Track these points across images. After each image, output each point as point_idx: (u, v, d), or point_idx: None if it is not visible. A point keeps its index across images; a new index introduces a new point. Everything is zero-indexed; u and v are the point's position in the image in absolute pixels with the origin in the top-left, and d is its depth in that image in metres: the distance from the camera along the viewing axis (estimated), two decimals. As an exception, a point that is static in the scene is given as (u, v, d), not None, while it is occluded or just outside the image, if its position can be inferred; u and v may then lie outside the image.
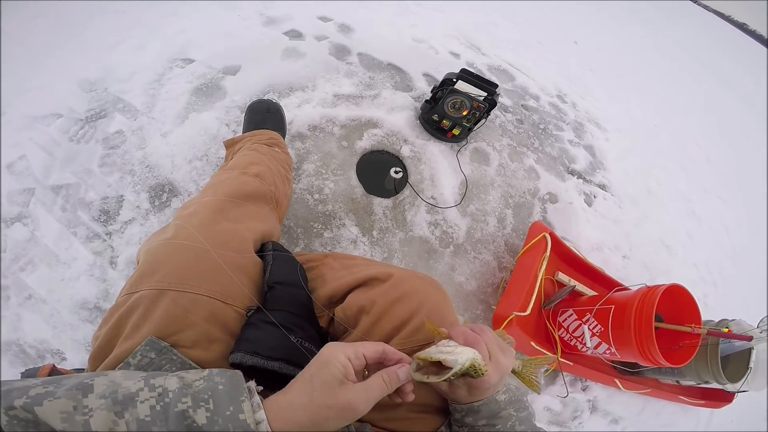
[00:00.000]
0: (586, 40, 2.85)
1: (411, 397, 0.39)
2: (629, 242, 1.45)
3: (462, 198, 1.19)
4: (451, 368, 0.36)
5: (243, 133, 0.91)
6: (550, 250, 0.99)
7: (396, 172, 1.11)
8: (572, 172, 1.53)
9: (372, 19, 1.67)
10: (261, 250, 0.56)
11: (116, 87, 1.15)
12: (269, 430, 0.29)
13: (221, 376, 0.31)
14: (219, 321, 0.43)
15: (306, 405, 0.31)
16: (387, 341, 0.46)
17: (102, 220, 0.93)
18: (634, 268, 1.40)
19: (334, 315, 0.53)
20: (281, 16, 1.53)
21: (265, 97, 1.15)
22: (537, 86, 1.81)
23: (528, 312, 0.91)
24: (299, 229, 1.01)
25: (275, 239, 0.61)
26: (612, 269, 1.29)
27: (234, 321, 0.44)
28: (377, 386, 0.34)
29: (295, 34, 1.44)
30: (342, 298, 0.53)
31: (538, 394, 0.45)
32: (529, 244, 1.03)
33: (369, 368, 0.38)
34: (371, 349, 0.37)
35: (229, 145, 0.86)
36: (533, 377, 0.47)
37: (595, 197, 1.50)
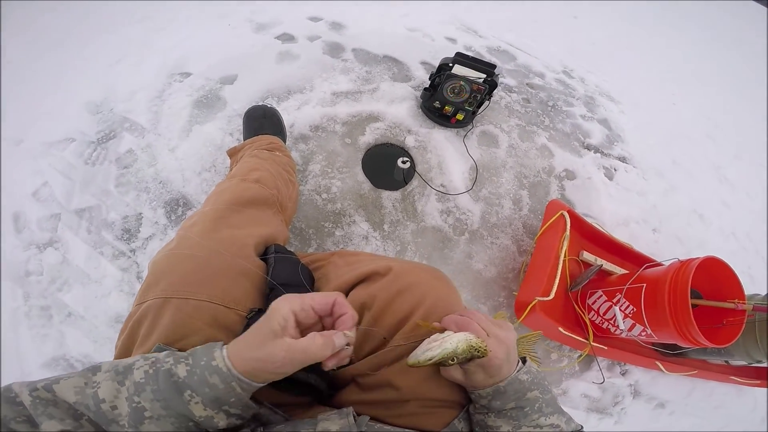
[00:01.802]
0: (586, 15, 2.82)
1: (345, 362, 0.40)
2: (658, 215, 1.44)
3: (473, 183, 1.23)
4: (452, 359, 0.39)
5: (243, 140, 0.97)
6: (571, 229, 0.99)
7: (403, 162, 1.15)
8: (588, 147, 1.53)
9: (363, 14, 1.73)
10: (264, 254, 0.59)
11: (121, 107, 1.25)
12: (236, 372, 0.35)
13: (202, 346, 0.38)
14: (222, 325, 0.47)
15: (246, 353, 0.36)
16: (390, 336, 0.49)
17: (125, 238, 1.03)
18: (667, 242, 1.39)
19: None
20: (271, 21, 1.60)
21: (262, 103, 1.21)
22: (540, 64, 1.82)
23: (552, 296, 0.90)
24: (310, 229, 1.06)
25: (281, 242, 0.66)
26: (642, 244, 1.29)
27: (237, 324, 0.48)
28: (304, 346, 0.35)
29: (287, 38, 1.52)
30: (345, 295, 0.54)
31: (538, 367, 0.47)
32: (547, 224, 1.03)
33: (326, 323, 0.41)
34: (320, 300, 0.39)
35: (232, 154, 0.92)
36: (531, 353, 0.49)
37: (615, 170, 1.50)
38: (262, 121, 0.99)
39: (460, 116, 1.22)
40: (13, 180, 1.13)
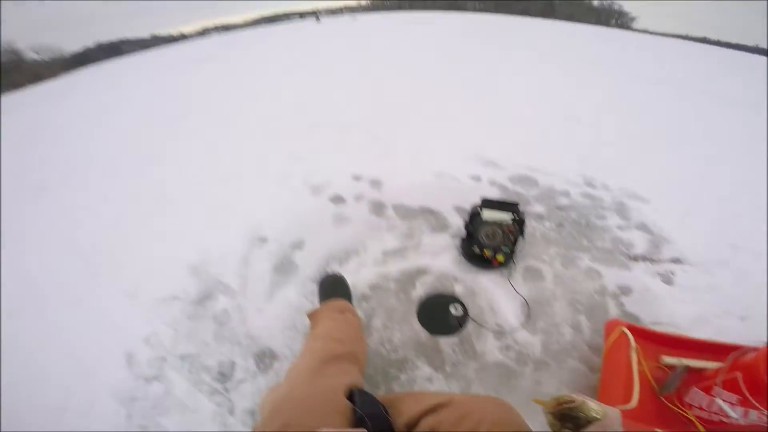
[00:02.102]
0: (586, 116, 3.05)
1: None
2: (740, 303, 1.36)
3: (527, 318, 1.29)
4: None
5: (319, 303, 1.20)
6: (638, 339, 1.01)
7: (456, 309, 1.28)
8: (635, 258, 1.54)
9: (394, 167, 2.12)
10: (349, 397, 0.75)
11: (215, 270, 1.57)
12: None
13: None
14: None
15: None
16: None
17: (220, 380, 1.21)
18: (761, 325, 1.27)
19: None
20: (323, 182, 2.04)
21: (329, 269, 1.49)
22: (562, 181, 2.00)
23: (634, 403, 0.91)
24: (378, 376, 1.17)
25: (359, 387, 0.82)
26: (734, 335, 1.20)
27: None
28: None
29: (338, 199, 1.89)
30: (416, 424, 0.68)
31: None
32: (609, 343, 1.06)
33: None
34: None
35: (311, 316, 1.13)
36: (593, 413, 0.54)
37: (673, 274, 1.46)
38: (333, 288, 1.22)
39: (500, 257, 1.35)
40: (128, 326, 1.42)
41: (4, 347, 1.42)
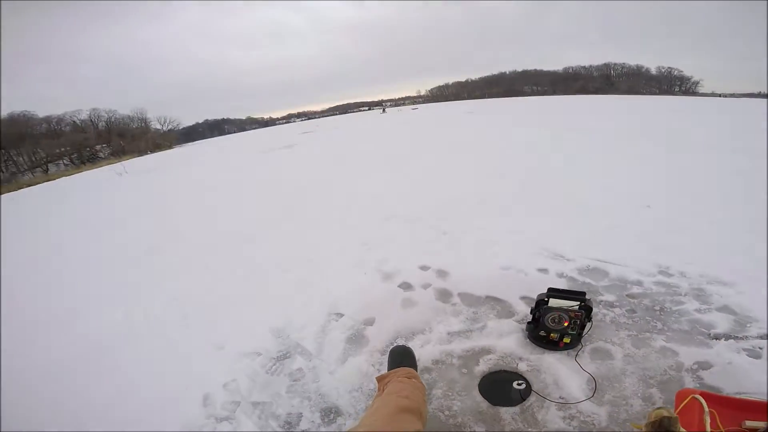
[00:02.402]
0: (657, 201, 2.89)
1: None
2: None
3: (593, 392, 1.26)
4: None
5: (387, 370, 1.34)
6: (715, 406, 0.94)
7: (519, 384, 1.29)
8: (716, 337, 1.45)
9: (460, 259, 2.28)
10: None
11: (295, 335, 1.82)
12: None
13: None
14: None
15: None
16: None
17: (285, 426, 1.34)
18: None
19: None
20: (393, 271, 2.29)
21: (398, 342, 1.64)
22: (634, 271, 1.93)
23: None
24: None
25: None
26: None
27: None
28: None
29: (406, 286, 2.10)
30: None
31: None
32: (679, 409, 0.99)
33: None
34: None
35: (380, 379, 1.27)
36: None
37: (761, 348, 1.36)
38: (402, 357, 1.36)
39: (566, 339, 1.39)
40: (212, 372, 1.64)
41: (95, 378, 1.76)
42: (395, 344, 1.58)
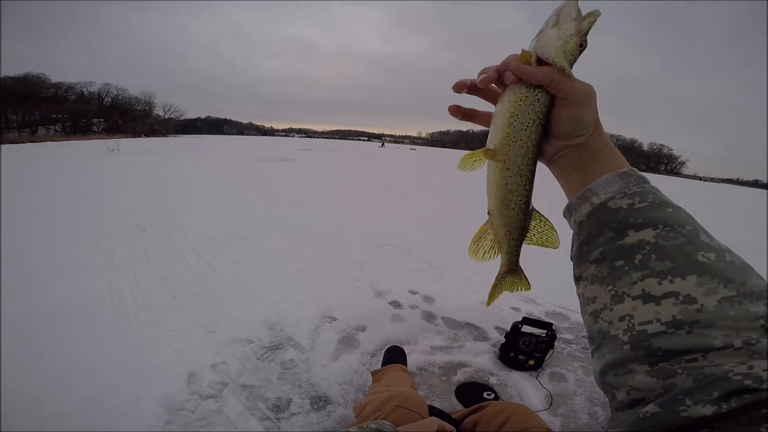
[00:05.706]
0: None
1: None
2: None
3: (550, 405, 1.54)
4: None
5: (382, 365, 1.56)
6: None
7: (488, 394, 1.54)
8: None
9: (445, 290, 2.60)
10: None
11: (289, 330, 2.00)
12: None
13: None
14: None
15: None
16: None
17: (274, 410, 1.46)
18: None
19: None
20: (385, 290, 2.55)
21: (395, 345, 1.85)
22: None
23: None
24: None
25: None
26: None
27: None
28: None
29: (396, 304, 2.36)
30: (462, 420, 0.92)
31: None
32: None
33: None
34: None
35: (375, 372, 1.47)
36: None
37: None
38: (397, 356, 1.59)
39: (531, 362, 1.69)
40: (198, 353, 1.73)
41: (73, 341, 1.79)
42: (391, 344, 1.78)
